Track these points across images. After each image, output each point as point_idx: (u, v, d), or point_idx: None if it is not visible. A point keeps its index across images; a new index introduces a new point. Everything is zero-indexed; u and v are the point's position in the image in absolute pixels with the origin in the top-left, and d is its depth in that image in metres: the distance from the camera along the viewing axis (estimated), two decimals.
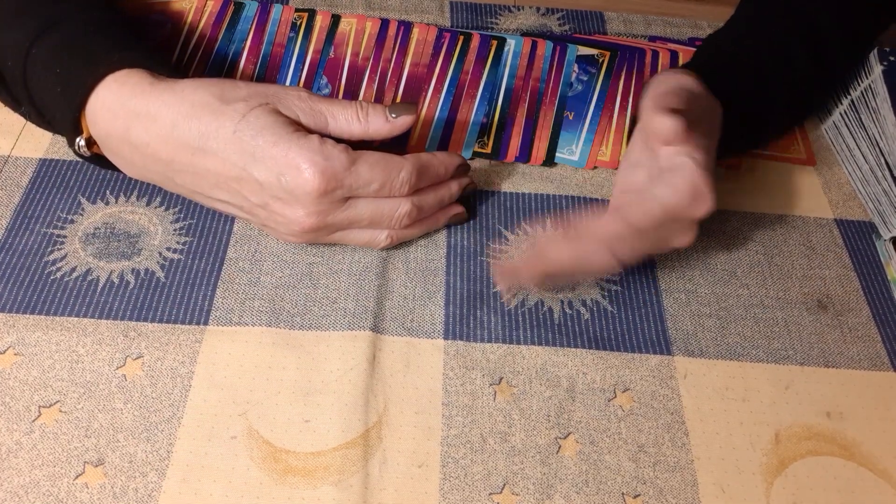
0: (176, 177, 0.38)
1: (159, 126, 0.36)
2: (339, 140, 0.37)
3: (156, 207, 0.43)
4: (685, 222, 0.36)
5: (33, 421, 0.35)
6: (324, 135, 0.38)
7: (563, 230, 0.37)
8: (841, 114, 0.50)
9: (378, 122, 0.39)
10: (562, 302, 0.41)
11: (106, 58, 0.38)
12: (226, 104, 0.36)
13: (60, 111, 0.38)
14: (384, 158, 0.38)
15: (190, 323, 0.39)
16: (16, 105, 0.42)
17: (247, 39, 0.50)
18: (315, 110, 0.38)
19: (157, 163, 0.38)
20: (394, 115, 0.39)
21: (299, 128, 0.37)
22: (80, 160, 0.44)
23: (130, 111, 0.37)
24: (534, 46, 0.52)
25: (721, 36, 0.48)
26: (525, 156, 0.48)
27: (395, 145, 0.47)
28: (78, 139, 0.39)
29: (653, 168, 0.37)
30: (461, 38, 0.52)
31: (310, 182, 0.35)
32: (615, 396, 0.38)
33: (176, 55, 0.49)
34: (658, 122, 0.34)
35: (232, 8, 0.51)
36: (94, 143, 0.39)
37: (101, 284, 0.40)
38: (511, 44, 0.52)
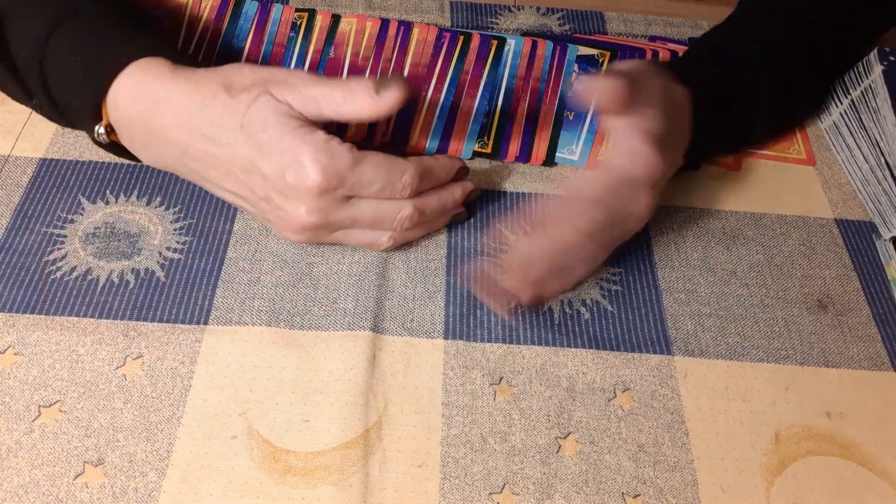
0: (190, 163, 0.39)
1: (176, 112, 0.37)
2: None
3: (156, 207, 0.43)
4: (635, 186, 0.37)
5: (33, 420, 0.35)
6: (321, 122, 0.37)
7: (530, 229, 0.37)
8: (841, 114, 0.50)
9: (362, 102, 0.36)
10: (562, 302, 0.41)
11: (128, 46, 0.39)
12: (232, 96, 0.37)
13: (81, 98, 0.39)
14: (388, 160, 0.38)
15: (190, 322, 0.39)
16: (26, 97, 0.42)
17: (247, 39, 0.50)
18: (306, 97, 0.37)
19: (173, 148, 0.38)
20: (379, 92, 0.36)
21: (304, 121, 0.37)
22: (81, 161, 0.44)
23: (151, 97, 0.37)
24: (534, 46, 0.52)
25: (708, 34, 0.49)
26: (525, 156, 0.47)
27: (395, 145, 0.47)
28: (98, 126, 0.40)
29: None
30: (461, 37, 0.52)
31: (312, 179, 0.35)
32: (615, 396, 0.38)
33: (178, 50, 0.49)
34: (596, 87, 0.35)
35: (232, 3, 0.51)
36: (113, 131, 0.40)
37: (100, 284, 0.40)
38: (511, 44, 0.52)
